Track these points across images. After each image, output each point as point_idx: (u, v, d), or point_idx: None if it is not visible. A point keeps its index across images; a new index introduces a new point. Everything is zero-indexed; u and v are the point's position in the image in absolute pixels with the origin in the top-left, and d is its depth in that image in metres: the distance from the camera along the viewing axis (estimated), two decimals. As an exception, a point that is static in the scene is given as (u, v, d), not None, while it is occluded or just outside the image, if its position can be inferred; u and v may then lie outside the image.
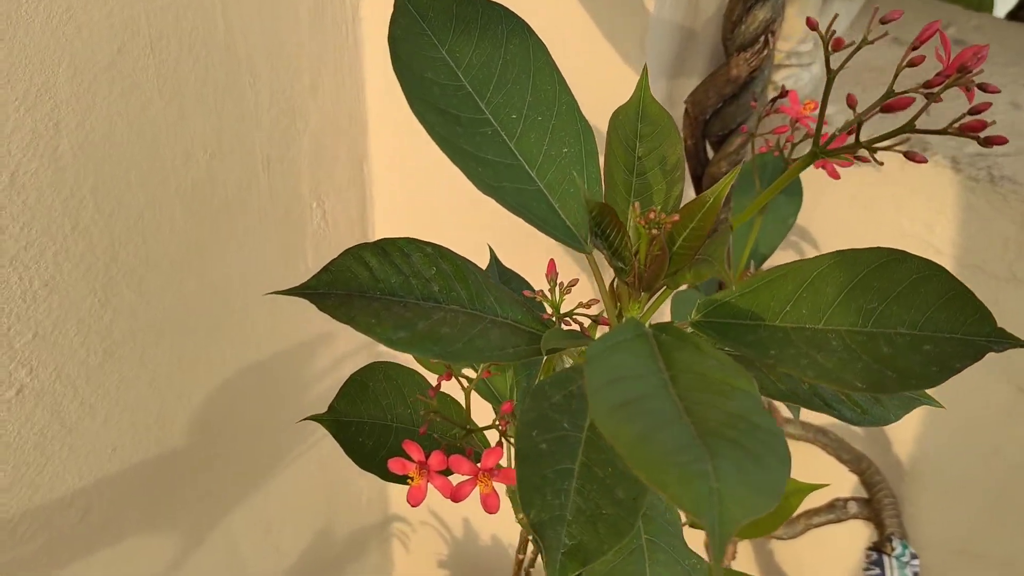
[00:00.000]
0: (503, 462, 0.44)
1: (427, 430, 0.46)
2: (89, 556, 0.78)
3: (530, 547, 0.71)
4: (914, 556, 0.96)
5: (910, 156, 0.41)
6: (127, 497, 0.79)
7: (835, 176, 0.60)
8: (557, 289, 0.48)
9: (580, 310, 0.48)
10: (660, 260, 0.41)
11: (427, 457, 0.44)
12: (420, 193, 0.94)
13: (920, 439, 1.06)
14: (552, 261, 0.49)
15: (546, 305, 0.49)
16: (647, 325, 0.41)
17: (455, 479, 0.45)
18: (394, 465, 0.44)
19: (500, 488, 0.45)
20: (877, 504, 0.98)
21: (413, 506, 0.44)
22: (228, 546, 0.95)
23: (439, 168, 0.94)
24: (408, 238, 0.47)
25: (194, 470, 0.86)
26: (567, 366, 0.54)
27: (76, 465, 0.73)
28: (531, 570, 0.77)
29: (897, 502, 0.98)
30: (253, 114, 0.75)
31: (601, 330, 0.50)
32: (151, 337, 0.75)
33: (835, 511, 0.98)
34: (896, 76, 0.41)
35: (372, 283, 0.44)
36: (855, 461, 0.99)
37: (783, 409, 0.98)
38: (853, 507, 0.98)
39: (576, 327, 0.48)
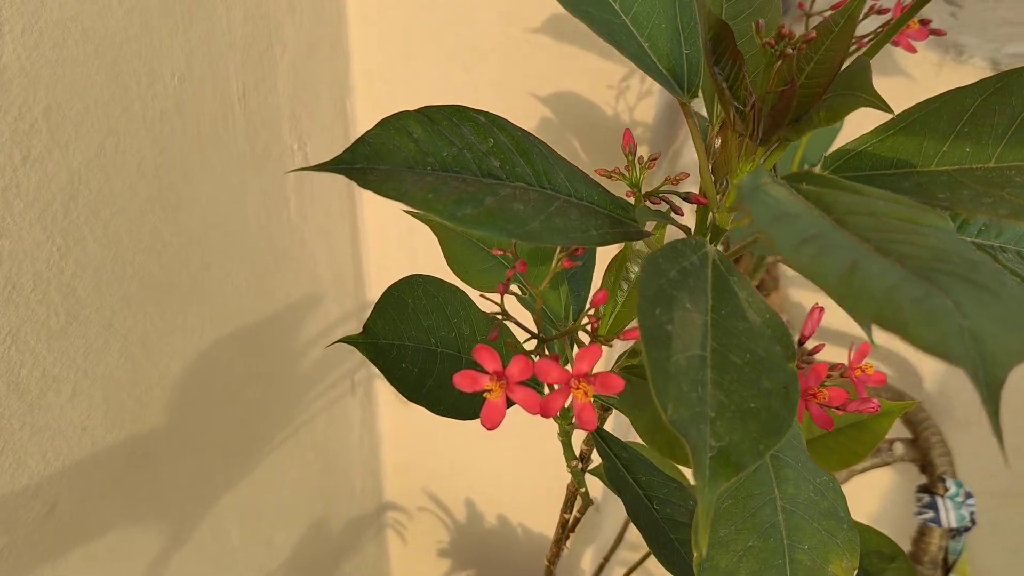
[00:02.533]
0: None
1: (486, 342, 0.38)
2: (59, 557, 0.68)
3: (577, 503, 0.63)
4: (969, 495, 0.89)
5: None
6: (102, 486, 0.69)
7: (911, 50, 0.53)
8: (637, 165, 0.40)
9: (667, 187, 0.40)
10: (788, 96, 0.34)
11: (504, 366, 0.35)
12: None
13: (954, 377, 1.01)
14: (628, 131, 0.41)
15: (625, 184, 0.41)
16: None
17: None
18: (463, 380, 0.35)
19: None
20: (924, 443, 0.92)
21: (489, 428, 0.35)
22: (218, 540, 0.85)
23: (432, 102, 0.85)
24: (455, 105, 0.38)
25: (176, 454, 0.76)
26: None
27: (39, 448, 0.63)
28: (571, 535, 0.69)
29: (945, 441, 0.92)
30: (225, 32, 0.66)
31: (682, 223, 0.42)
32: (120, 296, 0.65)
33: (880, 454, 0.91)
34: None
35: (419, 157, 0.36)
36: (896, 399, 0.92)
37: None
38: (899, 449, 0.91)
39: (663, 208, 0.40)
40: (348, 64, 0.82)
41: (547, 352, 0.40)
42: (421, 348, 0.43)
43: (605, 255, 0.79)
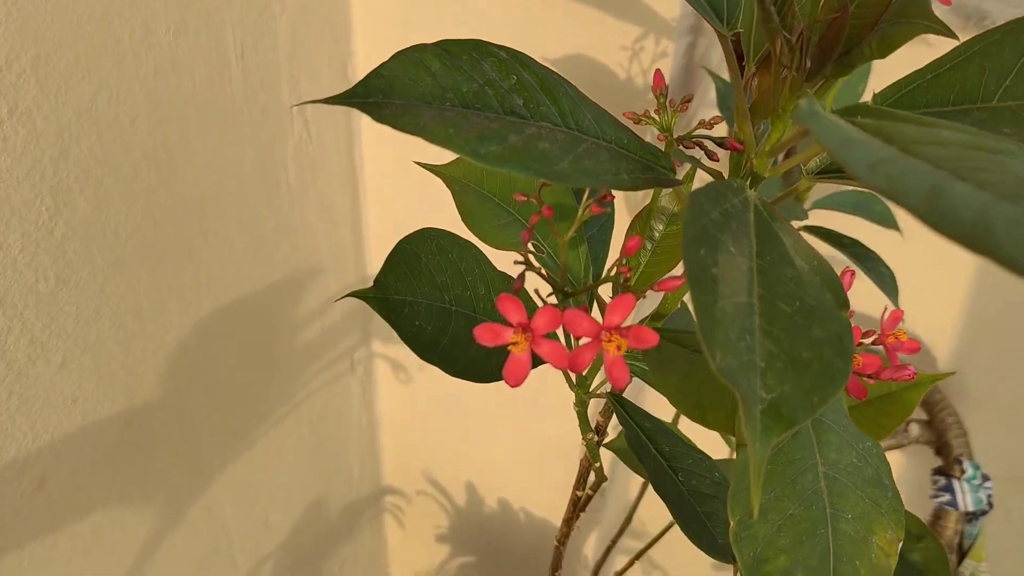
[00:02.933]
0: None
1: (509, 292, 0.35)
2: (48, 534, 0.66)
3: (589, 480, 0.60)
4: (986, 478, 0.87)
5: None
6: (93, 461, 0.66)
7: (946, 1, 0.51)
8: (667, 107, 0.37)
9: (701, 131, 0.37)
10: (838, 25, 0.31)
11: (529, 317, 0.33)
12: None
13: (969, 357, 0.98)
14: (659, 72, 0.38)
15: (655, 128, 0.38)
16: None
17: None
18: (484, 334, 0.32)
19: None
20: (940, 424, 0.89)
21: (513, 385, 0.33)
22: (212, 519, 0.82)
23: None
24: (476, 40, 0.36)
25: (170, 428, 0.73)
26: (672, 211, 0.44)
27: (28, 420, 0.60)
28: (581, 514, 0.67)
29: (961, 421, 0.90)
30: (223, -15, 0.63)
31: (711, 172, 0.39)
32: (112, 260, 0.62)
33: (895, 436, 0.89)
34: None
35: (437, 92, 0.33)
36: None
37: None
38: (915, 430, 0.89)
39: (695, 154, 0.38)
40: (349, 27, 0.79)
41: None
42: (435, 305, 0.40)
43: (622, 220, 0.77)
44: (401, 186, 0.88)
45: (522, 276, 0.34)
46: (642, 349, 0.33)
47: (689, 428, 0.51)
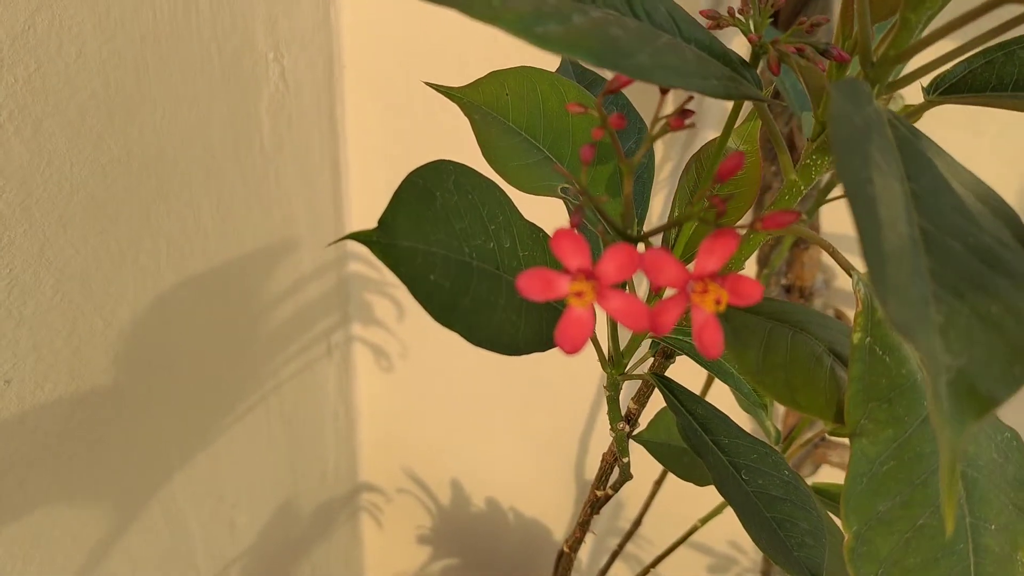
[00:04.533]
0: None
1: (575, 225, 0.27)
2: (-20, 539, 0.57)
3: (614, 475, 0.53)
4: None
5: None
6: (31, 453, 0.58)
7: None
8: (756, 3, 0.30)
9: (800, 36, 0.29)
10: None
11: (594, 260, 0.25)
12: (404, 50, 0.74)
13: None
14: (745, -39, 0.30)
15: (740, 29, 0.30)
16: None
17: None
18: (532, 284, 0.25)
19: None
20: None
21: (571, 351, 0.25)
22: (172, 522, 0.74)
23: (428, 12, 0.74)
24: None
25: (123, 417, 0.65)
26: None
27: (-47, 405, 0.51)
28: (596, 516, 0.59)
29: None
30: (189, -102, 0.55)
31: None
32: (55, 218, 0.53)
33: None
34: None
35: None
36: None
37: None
38: None
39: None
40: (334, -35, 0.70)
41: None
42: (453, 258, 0.32)
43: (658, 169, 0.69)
44: (390, 146, 0.79)
45: (580, 210, 0.26)
46: (744, 306, 0.25)
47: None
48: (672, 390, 0.39)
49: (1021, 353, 0.20)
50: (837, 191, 0.63)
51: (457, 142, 0.70)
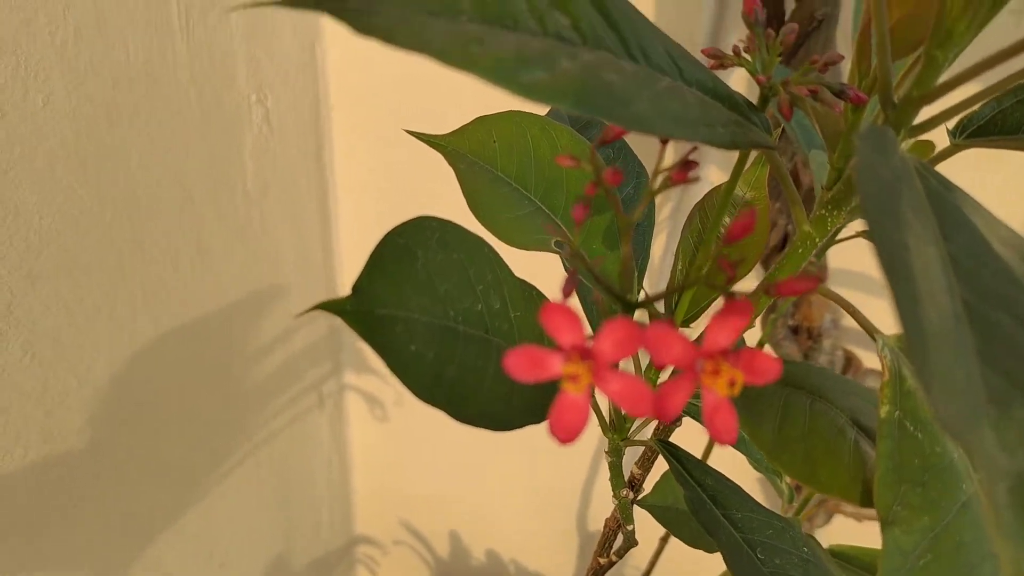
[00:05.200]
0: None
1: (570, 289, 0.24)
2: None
3: (618, 541, 0.50)
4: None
5: None
6: (5, 524, 0.55)
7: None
8: (764, 38, 0.27)
9: (813, 76, 0.27)
10: None
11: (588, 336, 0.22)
12: (392, 89, 0.72)
13: None
14: (751, -5, 0.28)
15: (746, 69, 0.28)
16: None
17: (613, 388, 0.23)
18: (521, 363, 0.22)
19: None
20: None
21: (565, 441, 0.22)
22: (153, 586, 0.70)
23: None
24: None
25: (102, 480, 0.61)
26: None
27: (-89, 474, 0.48)
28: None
29: None
30: (163, -63, 0.53)
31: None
32: (23, 274, 0.51)
33: None
34: None
35: (448, 2, 0.22)
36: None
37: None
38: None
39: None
40: None
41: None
42: (436, 324, 0.29)
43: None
44: (381, 186, 0.77)
45: (574, 276, 0.23)
46: (760, 384, 0.22)
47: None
48: (679, 459, 0.36)
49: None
50: (847, 231, 0.60)
51: (451, 185, 0.67)
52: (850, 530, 0.78)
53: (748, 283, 0.73)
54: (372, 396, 0.95)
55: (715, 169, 0.73)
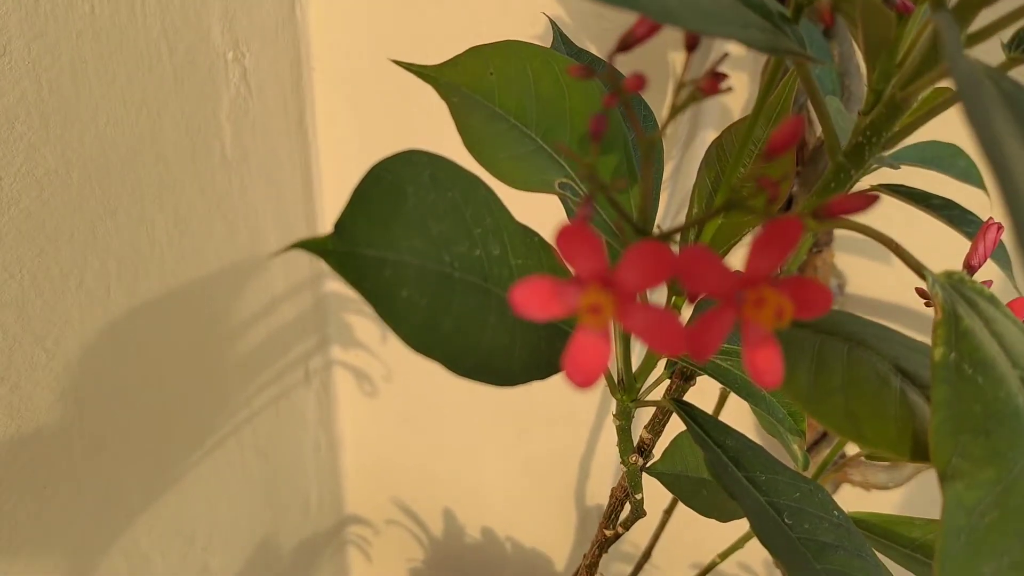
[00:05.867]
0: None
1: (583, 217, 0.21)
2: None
3: (625, 511, 0.47)
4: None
5: None
6: (-35, 505, 0.51)
7: None
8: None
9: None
10: None
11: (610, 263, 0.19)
12: (377, 47, 0.68)
13: None
14: None
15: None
16: None
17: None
18: (530, 297, 0.19)
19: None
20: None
21: (583, 385, 0.19)
22: (135, 567, 0.67)
23: (402, 5, 0.69)
24: None
25: (75, 459, 0.58)
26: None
27: None
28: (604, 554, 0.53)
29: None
30: None
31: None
32: (-17, 239, 0.48)
33: None
34: None
35: None
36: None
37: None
38: None
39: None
40: (297, -45, 0.65)
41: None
42: (430, 268, 0.26)
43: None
44: (366, 152, 0.73)
45: (590, 200, 0.20)
46: (810, 318, 0.19)
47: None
48: (696, 419, 0.34)
49: None
50: (863, 183, 0.57)
51: (440, 146, 0.64)
52: (858, 500, 0.76)
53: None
54: (361, 371, 0.92)
55: (713, 133, 0.69)
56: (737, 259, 0.50)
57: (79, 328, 0.56)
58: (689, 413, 0.34)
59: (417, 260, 0.26)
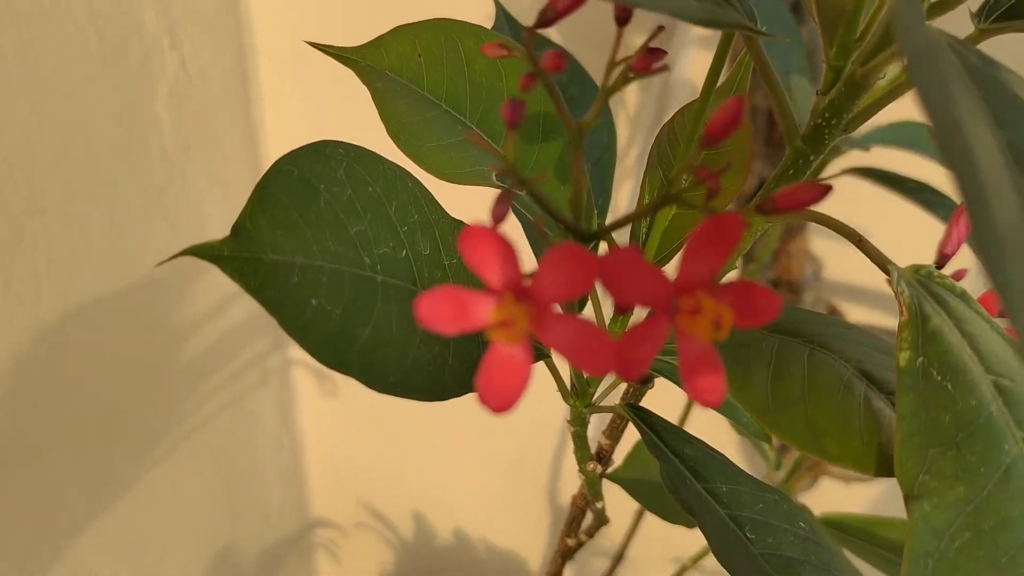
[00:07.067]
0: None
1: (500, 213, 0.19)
2: None
3: (587, 521, 0.45)
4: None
5: None
6: None
7: None
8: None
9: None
10: None
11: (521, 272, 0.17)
12: (324, 29, 0.66)
13: None
14: None
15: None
16: None
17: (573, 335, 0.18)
18: (438, 309, 0.17)
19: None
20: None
21: (499, 409, 0.17)
22: (81, 586, 0.65)
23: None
24: None
25: (10, 471, 0.56)
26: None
27: None
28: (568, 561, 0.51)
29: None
30: None
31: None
32: None
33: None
34: None
35: None
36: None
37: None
38: None
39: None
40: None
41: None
42: (347, 272, 0.24)
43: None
44: (319, 137, 0.71)
45: (507, 196, 0.18)
46: (754, 326, 0.17)
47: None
48: (652, 427, 0.32)
49: None
50: (834, 166, 0.55)
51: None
52: (837, 494, 0.74)
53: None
54: (320, 370, 0.89)
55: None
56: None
57: (7, 333, 0.53)
58: (645, 419, 0.32)
59: (331, 264, 0.24)
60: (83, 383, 0.61)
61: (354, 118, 0.70)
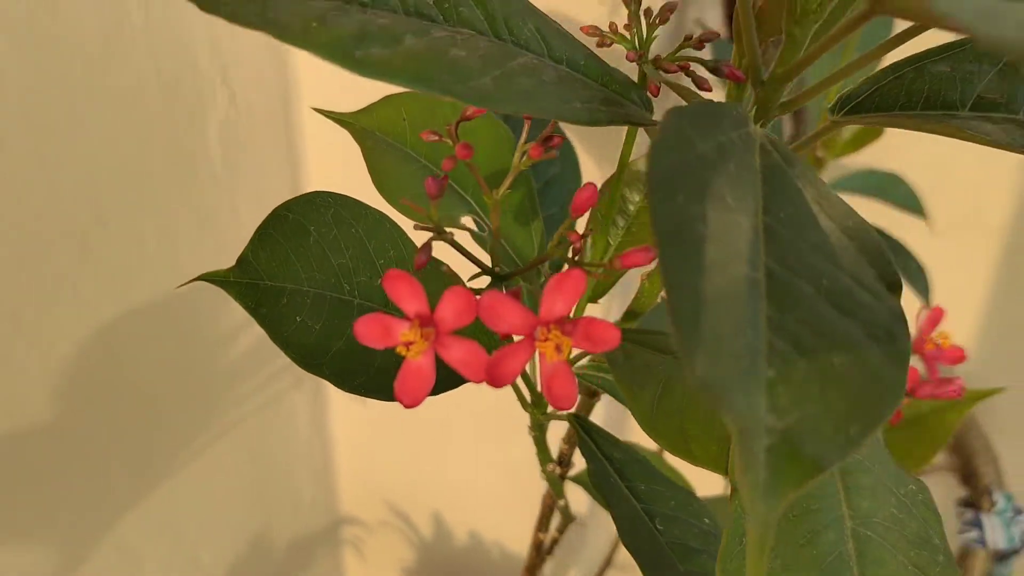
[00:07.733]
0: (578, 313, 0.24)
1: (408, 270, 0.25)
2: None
3: (555, 521, 0.51)
4: (1020, 511, 0.78)
5: None
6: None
7: None
8: (643, 19, 0.28)
9: (688, 51, 0.28)
10: None
11: (433, 305, 0.23)
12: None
13: (1000, 370, 0.89)
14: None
15: (623, 46, 0.29)
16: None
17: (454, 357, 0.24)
18: (368, 328, 0.23)
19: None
20: (966, 449, 0.80)
21: (408, 404, 0.23)
22: (125, 559, 0.72)
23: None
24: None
25: (64, 458, 0.63)
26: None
27: None
28: (547, 557, 0.57)
29: (991, 445, 0.81)
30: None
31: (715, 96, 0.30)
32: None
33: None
34: None
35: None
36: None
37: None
38: (937, 455, 0.80)
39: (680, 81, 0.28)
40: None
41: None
42: (327, 296, 0.31)
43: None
44: (355, 174, 0.78)
45: (428, 246, 0.24)
46: (600, 352, 0.23)
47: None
48: (588, 432, 0.38)
49: (861, 411, 0.18)
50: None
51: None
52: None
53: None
54: (350, 377, 0.96)
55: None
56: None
57: (71, 333, 0.61)
58: (584, 428, 0.38)
59: (315, 289, 0.31)
60: (134, 378, 0.68)
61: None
